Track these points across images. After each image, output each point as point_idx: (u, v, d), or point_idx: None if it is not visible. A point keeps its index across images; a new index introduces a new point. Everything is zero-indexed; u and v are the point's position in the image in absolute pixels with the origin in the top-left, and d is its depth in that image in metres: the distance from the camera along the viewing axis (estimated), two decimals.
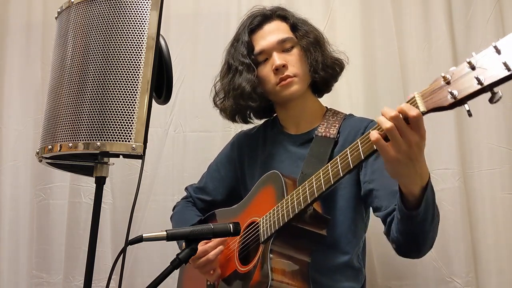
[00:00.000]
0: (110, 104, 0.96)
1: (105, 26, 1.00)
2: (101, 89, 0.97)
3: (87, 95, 0.98)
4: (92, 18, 1.01)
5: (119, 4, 1.00)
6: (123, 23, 0.99)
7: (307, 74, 1.38)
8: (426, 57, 1.80)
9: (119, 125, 0.95)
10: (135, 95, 0.96)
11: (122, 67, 0.97)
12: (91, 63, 0.99)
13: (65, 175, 1.93)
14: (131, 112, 0.95)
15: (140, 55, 0.98)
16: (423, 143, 0.91)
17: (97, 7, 1.01)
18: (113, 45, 0.98)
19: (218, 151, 1.66)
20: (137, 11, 1.00)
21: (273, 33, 1.38)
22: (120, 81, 0.96)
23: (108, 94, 0.96)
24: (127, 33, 0.99)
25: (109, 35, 0.99)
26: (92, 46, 1.00)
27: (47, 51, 2.01)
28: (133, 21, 0.99)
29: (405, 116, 0.88)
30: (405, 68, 1.81)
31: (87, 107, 0.97)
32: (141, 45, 0.98)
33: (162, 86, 1.09)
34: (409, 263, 1.67)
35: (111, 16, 1.00)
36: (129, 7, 1.00)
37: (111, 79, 0.97)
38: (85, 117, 0.97)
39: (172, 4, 1.92)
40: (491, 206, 1.70)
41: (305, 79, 1.38)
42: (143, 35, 0.99)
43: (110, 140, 0.95)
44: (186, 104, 1.95)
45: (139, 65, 0.97)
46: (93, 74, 0.98)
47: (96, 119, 0.96)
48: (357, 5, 1.88)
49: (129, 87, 0.96)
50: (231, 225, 1.06)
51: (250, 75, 1.36)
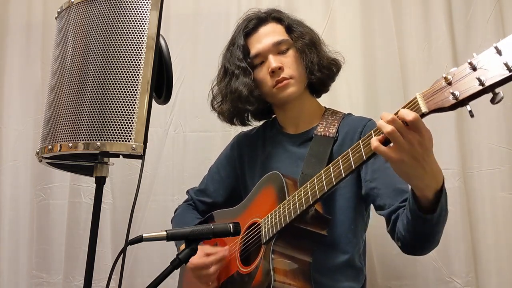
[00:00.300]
0: (110, 104, 0.96)
1: (105, 26, 1.00)
2: (101, 89, 0.97)
3: (87, 95, 0.98)
4: (92, 18, 1.01)
5: (119, 4, 1.00)
6: (123, 23, 0.99)
7: (303, 76, 1.38)
8: (426, 57, 1.80)
9: (119, 125, 0.95)
10: (135, 95, 0.96)
11: (122, 67, 0.97)
12: (91, 63, 0.99)
13: (65, 175, 1.93)
14: (131, 112, 0.95)
15: (140, 55, 0.98)
16: (426, 142, 0.91)
17: (97, 7, 1.01)
18: (113, 45, 0.98)
19: (218, 151, 1.66)
20: (137, 11, 1.00)
21: (268, 36, 1.38)
22: (120, 81, 0.96)
23: (108, 94, 0.96)
24: (127, 33, 0.99)
25: (109, 35, 0.99)
26: (92, 46, 1.00)
27: (47, 51, 2.01)
28: (133, 21, 0.99)
29: (403, 121, 0.88)
30: (405, 68, 1.81)
31: (87, 107, 0.97)
32: (141, 45, 0.98)
33: (162, 86, 1.08)
34: (409, 263, 1.67)
35: (111, 16, 1.00)
36: (129, 7, 1.00)
37: (111, 79, 0.97)
38: (85, 117, 0.97)
39: (172, 4, 1.92)
40: (491, 206, 1.70)
41: (302, 81, 1.38)
42: (143, 35, 0.99)
43: (110, 140, 0.94)
44: (186, 104, 1.95)
45: (139, 65, 0.97)
46: (93, 74, 0.98)
47: (96, 119, 0.96)
48: (357, 5, 1.88)
49: (129, 87, 0.96)
50: (231, 225, 1.06)
51: (246, 78, 1.37)
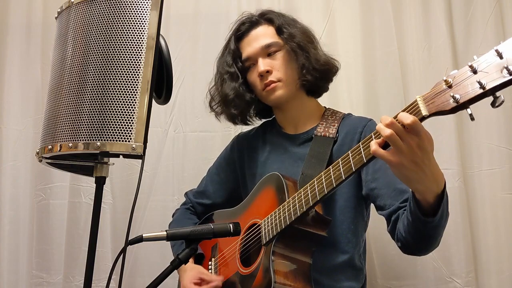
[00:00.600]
0: (110, 104, 0.96)
1: (105, 26, 1.00)
2: (101, 89, 0.97)
3: (87, 95, 0.98)
4: (92, 18, 1.01)
5: (119, 4, 1.00)
6: (123, 23, 0.99)
7: (292, 78, 1.37)
8: (426, 57, 1.80)
9: (119, 125, 0.95)
10: (135, 95, 0.96)
11: (122, 67, 0.97)
12: (91, 63, 0.99)
13: (65, 175, 1.93)
14: (131, 112, 0.95)
15: (140, 55, 0.98)
16: (425, 145, 0.90)
17: (97, 7, 1.01)
18: (113, 45, 0.98)
19: (218, 151, 1.66)
20: (137, 11, 1.00)
21: (258, 39, 1.39)
22: (120, 81, 0.96)
23: (108, 94, 0.96)
24: (127, 33, 0.99)
25: (109, 35, 0.99)
26: (92, 46, 1.00)
27: (47, 51, 2.01)
28: (133, 21, 0.99)
29: (402, 124, 0.88)
30: (405, 68, 1.81)
31: (87, 107, 0.97)
32: (141, 45, 0.98)
33: (162, 86, 1.08)
34: (409, 263, 1.67)
35: (111, 16, 1.00)
36: (129, 7, 1.00)
37: (111, 79, 0.97)
38: (85, 117, 0.96)
39: (172, 4, 1.92)
40: (491, 206, 1.70)
41: (291, 83, 1.37)
42: (143, 35, 0.99)
43: (110, 140, 0.94)
44: (186, 104, 1.95)
45: (139, 65, 0.97)
46: (93, 74, 0.98)
47: (96, 119, 0.95)
48: (357, 5, 1.88)
49: (129, 87, 0.96)
50: (231, 225, 1.06)
51: (234, 83, 1.40)
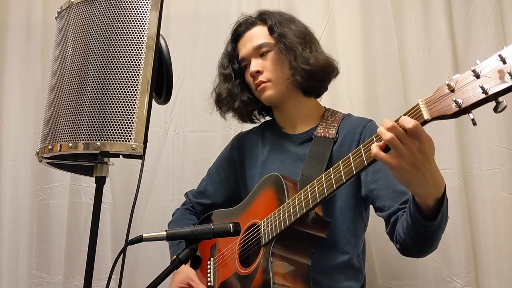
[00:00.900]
0: (110, 104, 0.95)
1: (105, 26, 1.00)
2: (101, 89, 0.97)
3: (87, 95, 0.97)
4: (92, 18, 1.01)
5: (119, 4, 1.00)
6: (123, 23, 0.99)
7: (282, 78, 1.37)
8: (426, 57, 1.80)
9: (119, 125, 0.94)
10: (135, 95, 0.96)
11: (122, 67, 0.97)
12: (91, 63, 0.99)
13: (65, 175, 1.93)
14: (131, 112, 0.95)
15: (140, 55, 0.98)
16: (426, 149, 0.90)
17: (97, 7, 1.01)
18: (113, 45, 0.98)
19: (218, 151, 1.66)
20: (137, 11, 1.00)
21: (251, 40, 1.41)
22: (120, 81, 0.96)
23: (108, 94, 0.96)
24: (127, 33, 0.99)
25: (109, 35, 0.99)
26: (92, 46, 0.99)
27: (47, 51, 2.01)
28: (133, 21, 0.99)
29: (403, 128, 0.88)
30: (405, 68, 1.81)
31: (87, 107, 0.97)
32: (141, 45, 0.98)
33: (162, 86, 1.08)
34: (409, 263, 1.67)
35: (111, 16, 1.00)
36: (129, 7, 1.00)
37: (111, 79, 0.97)
38: (85, 117, 0.96)
39: (172, 4, 1.92)
40: (491, 206, 1.70)
41: (280, 83, 1.37)
42: (143, 35, 0.99)
43: (110, 140, 0.94)
44: (186, 104, 1.95)
45: (139, 65, 0.97)
46: (93, 74, 0.98)
47: (96, 119, 0.95)
48: (357, 5, 1.88)
49: (129, 87, 0.96)
50: (231, 225, 1.06)
51: (227, 83, 1.45)
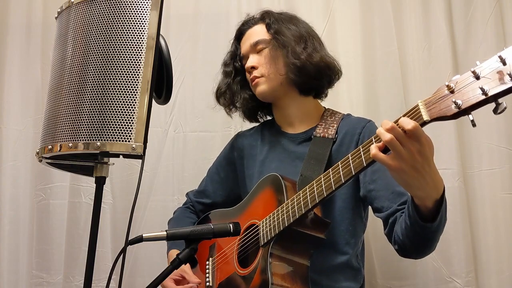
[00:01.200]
0: (110, 104, 0.95)
1: (105, 26, 1.00)
2: (101, 89, 0.96)
3: (87, 95, 0.97)
4: (92, 18, 1.01)
5: (119, 4, 1.00)
6: (123, 23, 0.99)
7: (275, 73, 1.38)
8: (426, 57, 1.80)
9: (119, 125, 0.94)
10: (135, 95, 0.96)
11: (122, 67, 0.97)
12: (91, 63, 0.99)
13: (65, 175, 1.93)
14: (131, 112, 0.95)
15: (140, 55, 0.98)
16: (425, 151, 0.89)
17: (97, 7, 1.01)
18: (113, 45, 0.98)
19: (218, 151, 1.66)
20: (137, 11, 1.00)
21: (250, 38, 1.45)
22: (120, 81, 0.96)
23: (108, 94, 0.96)
24: (127, 33, 0.99)
25: (109, 35, 0.99)
26: (92, 46, 0.99)
27: (47, 51, 2.01)
28: (133, 21, 0.99)
29: (403, 129, 0.88)
30: (405, 68, 1.81)
31: (87, 107, 0.97)
32: (141, 45, 0.98)
33: (162, 86, 1.08)
34: (409, 263, 1.67)
35: (111, 16, 1.00)
36: (129, 7, 1.00)
37: (111, 79, 0.96)
38: (85, 117, 0.96)
39: (172, 4, 1.92)
40: (491, 206, 1.70)
41: (273, 78, 1.39)
42: (143, 35, 0.99)
43: (110, 140, 0.94)
44: (186, 104, 1.95)
45: (139, 65, 0.97)
46: (93, 74, 0.98)
47: (96, 119, 0.95)
48: (357, 5, 1.88)
49: (129, 87, 0.96)
50: (231, 225, 1.06)
51: (227, 79, 1.52)
